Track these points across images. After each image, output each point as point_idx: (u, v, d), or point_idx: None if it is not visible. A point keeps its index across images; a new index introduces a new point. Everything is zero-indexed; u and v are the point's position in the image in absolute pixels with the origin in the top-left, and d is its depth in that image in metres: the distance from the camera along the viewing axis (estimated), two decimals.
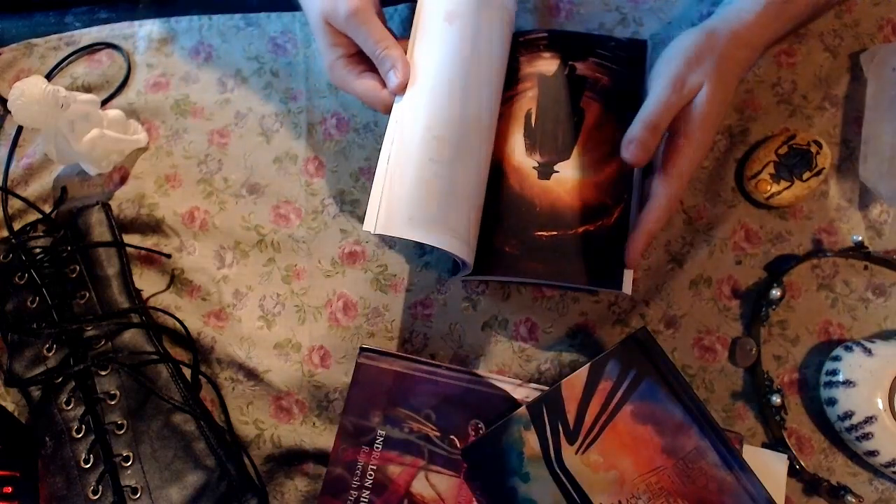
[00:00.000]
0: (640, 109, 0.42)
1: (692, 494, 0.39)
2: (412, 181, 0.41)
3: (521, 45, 0.50)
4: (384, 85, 0.44)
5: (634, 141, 0.41)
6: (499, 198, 0.47)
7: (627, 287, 0.44)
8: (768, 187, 0.47)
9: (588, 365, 0.42)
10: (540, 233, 0.45)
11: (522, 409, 0.42)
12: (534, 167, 0.47)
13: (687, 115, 0.41)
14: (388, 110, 0.44)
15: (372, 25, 0.43)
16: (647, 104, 0.42)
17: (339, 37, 0.45)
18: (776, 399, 0.45)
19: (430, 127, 0.42)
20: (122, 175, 0.54)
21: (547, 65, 0.49)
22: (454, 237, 0.41)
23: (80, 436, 0.44)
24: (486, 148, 0.45)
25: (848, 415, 0.42)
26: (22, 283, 0.47)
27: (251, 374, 0.48)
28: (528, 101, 0.49)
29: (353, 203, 0.52)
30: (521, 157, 0.48)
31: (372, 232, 0.40)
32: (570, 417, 0.41)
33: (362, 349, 0.46)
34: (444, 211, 0.41)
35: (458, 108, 0.43)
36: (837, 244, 0.48)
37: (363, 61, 0.46)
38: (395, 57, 0.43)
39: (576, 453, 0.41)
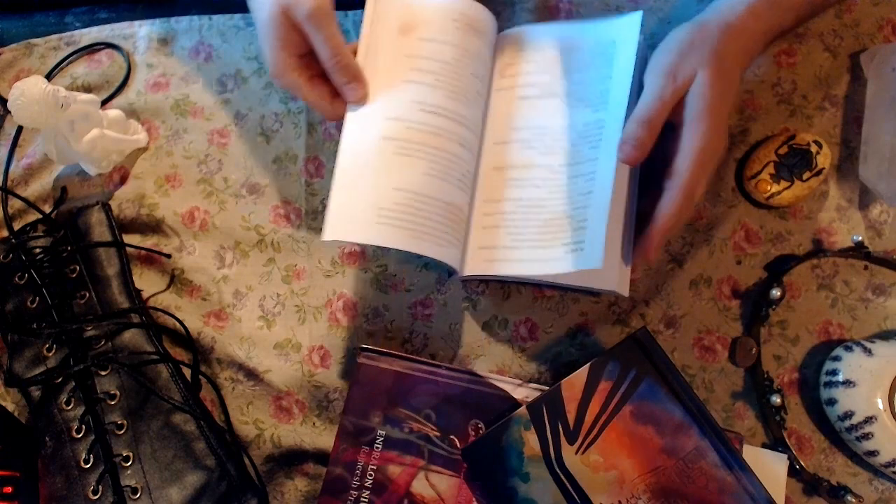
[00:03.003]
0: (636, 107, 0.42)
1: (692, 494, 0.39)
2: (366, 188, 0.42)
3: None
4: (335, 94, 0.44)
5: (628, 140, 0.41)
6: None
7: (624, 289, 0.44)
8: (768, 187, 0.47)
9: (588, 365, 0.42)
10: None
11: (522, 409, 0.42)
12: None
13: (684, 105, 0.41)
14: (337, 120, 0.45)
15: (331, 30, 0.42)
16: (640, 100, 0.42)
17: (293, 34, 0.43)
18: (776, 399, 0.45)
19: (386, 137, 0.43)
20: (122, 175, 0.54)
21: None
22: (416, 237, 0.41)
23: (80, 436, 0.44)
24: (459, 150, 0.45)
25: (848, 415, 0.42)
26: (22, 283, 0.47)
27: (251, 374, 0.48)
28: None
29: None
30: None
31: (327, 240, 0.41)
32: (570, 417, 0.41)
33: (362, 349, 0.46)
34: (403, 214, 0.41)
35: (415, 117, 0.44)
36: (837, 244, 0.48)
37: (313, 64, 0.44)
38: (353, 72, 0.43)
39: (576, 453, 0.41)
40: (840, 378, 0.43)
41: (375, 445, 0.44)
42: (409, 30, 0.46)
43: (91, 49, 0.58)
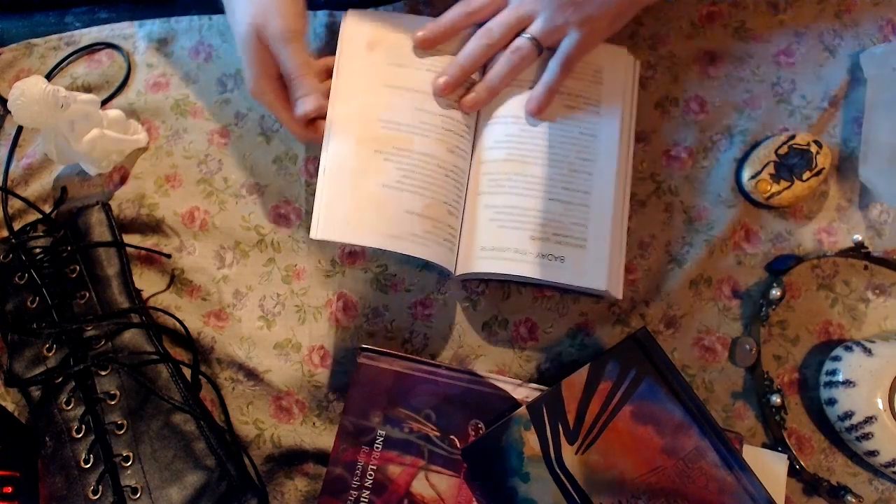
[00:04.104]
0: None
1: (692, 495, 0.39)
2: (347, 191, 0.44)
3: None
4: (309, 120, 0.46)
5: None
6: None
7: (618, 291, 0.44)
8: (768, 187, 0.47)
9: (588, 365, 0.42)
10: None
11: (522, 409, 0.42)
12: None
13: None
14: (308, 142, 0.49)
15: (296, 47, 0.44)
16: None
17: (266, 52, 0.44)
18: (776, 399, 0.45)
19: (361, 140, 0.45)
20: (122, 175, 0.54)
21: None
22: (396, 238, 0.43)
23: (80, 436, 0.44)
24: (440, 152, 0.46)
25: (848, 415, 0.42)
26: (22, 283, 0.47)
27: (251, 374, 0.48)
28: None
29: None
30: None
31: (314, 238, 0.43)
32: (571, 417, 0.41)
33: (362, 349, 0.46)
34: (384, 215, 0.43)
35: (386, 124, 0.45)
36: (837, 244, 0.48)
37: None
38: (309, 86, 0.45)
39: (576, 453, 0.41)
40: (840, 378, 0.43)
41: (375, 445, 0.44)
42: (375, 45, 0.47)
43: (91, 49, 0.57)
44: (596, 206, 0.45)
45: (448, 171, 0.46)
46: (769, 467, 0.43)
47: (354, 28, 0.48)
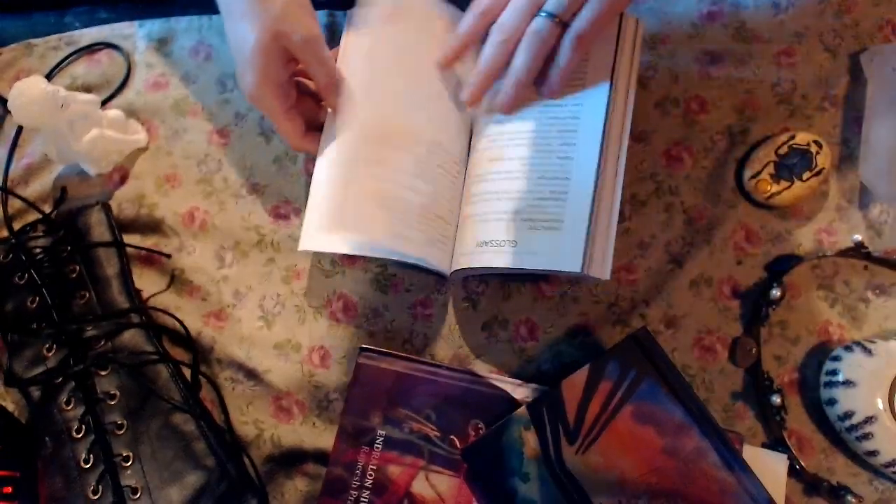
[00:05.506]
0: None
1: (692, 495, 0.39)
2: (335, 200, 0.44)
3: None
4: (306, 128, 0.47)
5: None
6: None
7: (606, 273, 0.42)
8: (768, 187, 0.47)
9: (588, 365, 0.42)
10: None
11: (522, 409, 0.42)
12: None
13: None
14: (302, 151, 0.50)
15: (326, 54, 0.45)
16: None
17: (280, 60, 0.44)
18: (776, 399, 0.45)
19: (354, 148, 0.45)
20: (121, 175, 0.54)
21: None
22: (386, 243, 0.43)
23: (79, 436, 0.44)
24: (432, 153, 0.46)
25: (848, 415, 0.42)
26: (22, 283, 0.47)
27: (251, 374, 0.48)
28: None
29: None
30: None
31: (300, 249, 0.43)
32: (571, 417, 0.41)
33: (362, 349, 0.46)
34: (373, 221, 0.43)
35: (383, 128, 0.45)
36: (837, 244, 0.48)
37: (291, 93, 0.46)
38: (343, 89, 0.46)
39: (576, 453, 0.41)
40: (840, 378, 0.43)
41: (375, 446, 0.44)
42: (382, 39, 0.47)
43: (91, 49, 0.57)
44: (575, 189, 0.43)
45: (448, 172, 0.46)
46: (769, 467, 0.43)
47: (359, 25, 0.48)
